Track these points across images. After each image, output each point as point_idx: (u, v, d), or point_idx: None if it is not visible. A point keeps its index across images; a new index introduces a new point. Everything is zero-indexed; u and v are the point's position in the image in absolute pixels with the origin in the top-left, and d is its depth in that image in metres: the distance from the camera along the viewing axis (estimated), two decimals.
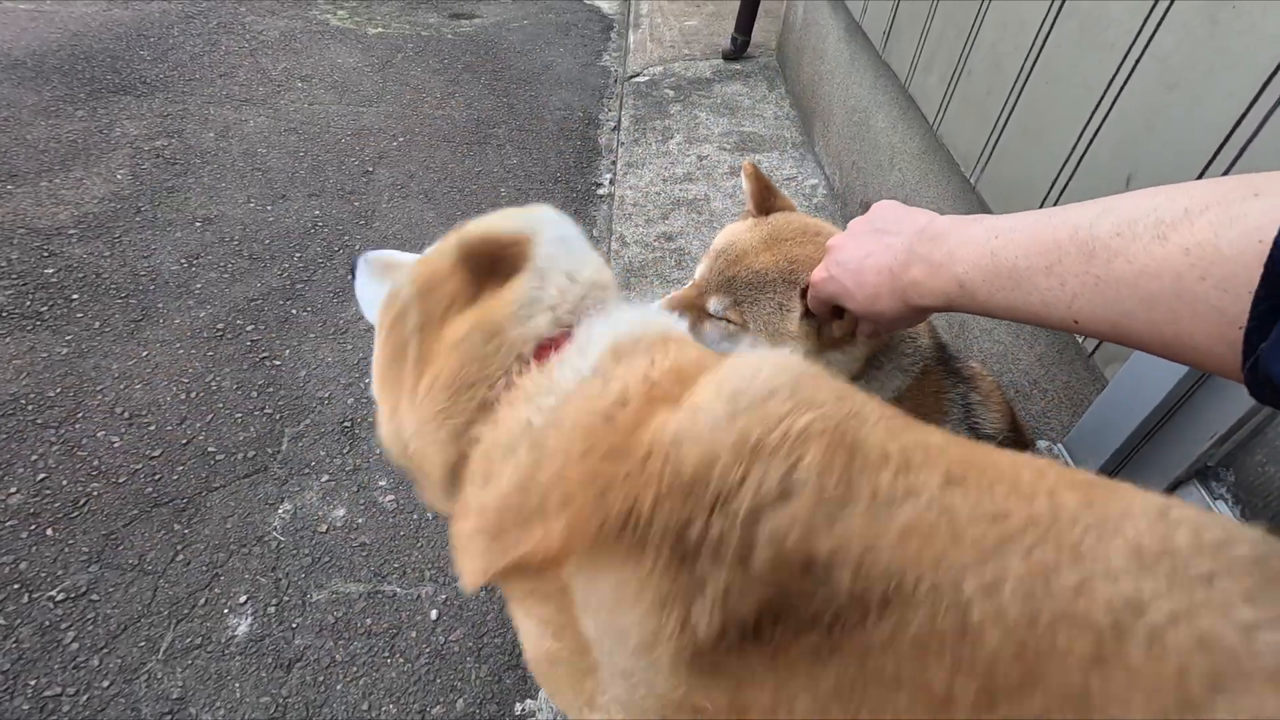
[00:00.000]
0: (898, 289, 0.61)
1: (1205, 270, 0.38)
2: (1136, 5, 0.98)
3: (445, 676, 1.30)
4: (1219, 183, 0.40)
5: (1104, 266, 0.44)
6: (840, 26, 2.45)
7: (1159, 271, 0.40)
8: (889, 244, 0.63)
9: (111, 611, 1.34)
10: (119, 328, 1.89)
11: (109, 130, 2.65)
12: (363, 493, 1.59)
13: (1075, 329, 0.48)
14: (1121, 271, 0.43)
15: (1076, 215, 0.47)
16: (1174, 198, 0.41)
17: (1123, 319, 0.44)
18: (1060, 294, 0.47)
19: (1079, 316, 0.46)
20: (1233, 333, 0.37)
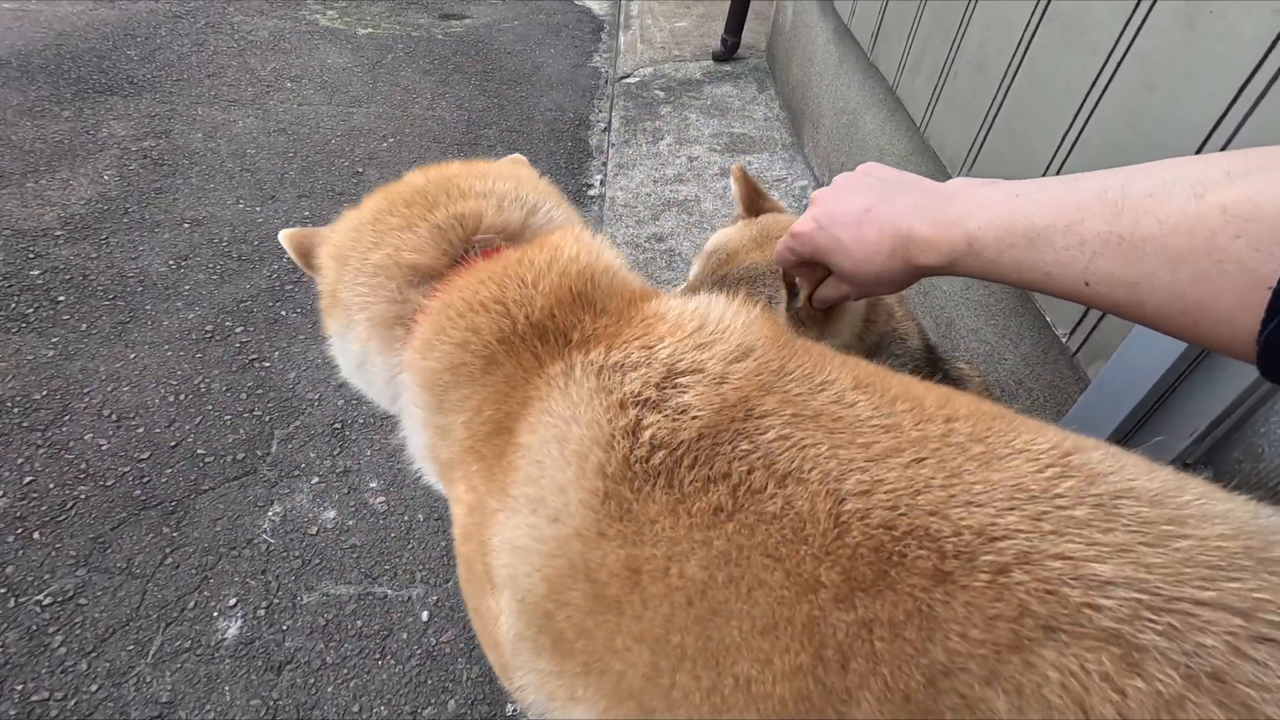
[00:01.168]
0: (900, 246, 0.59)
1: (1242, 228, 0.37)
2: (1118, 8, 0.99)
3: (437, 678, 1.30)
4: (1264, 150, 0.40)
5: (1130, 225, 0.43)
6: (829, 28, 2.46)
7: (1190, 229, 0.40)
8: (895, 202, 0.61)
9: (99, 615, 1.33)
10: (106, 330, 1.88)
11: (95, 131, 2.63)
12: (353, 494, 1.58)
13: (1083, 294, 0.46)
14: (1149, 230, 0.42)
15: (1107, 178, 0.46)
16: (1214, 163, 0.41)
17: (1142, 280, 0.42)
18: (1078, 253, 0.46)
19: (1093, 278, 0.45)
20: (1258, 295, 0.36)
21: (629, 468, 0.49)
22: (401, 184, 0.75)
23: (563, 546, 0.51)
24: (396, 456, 1.67)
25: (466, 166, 0.76)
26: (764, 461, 0.46)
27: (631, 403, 0.52)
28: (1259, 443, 0.74)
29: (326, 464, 1.64)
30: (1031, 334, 1.23)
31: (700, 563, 0.45)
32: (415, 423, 0.69)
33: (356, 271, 0.70)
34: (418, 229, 0.68)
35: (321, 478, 1.61)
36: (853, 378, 0.51)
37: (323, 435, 1.70)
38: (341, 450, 1.68)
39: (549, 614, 0.52)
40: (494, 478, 0.57)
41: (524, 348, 0.59)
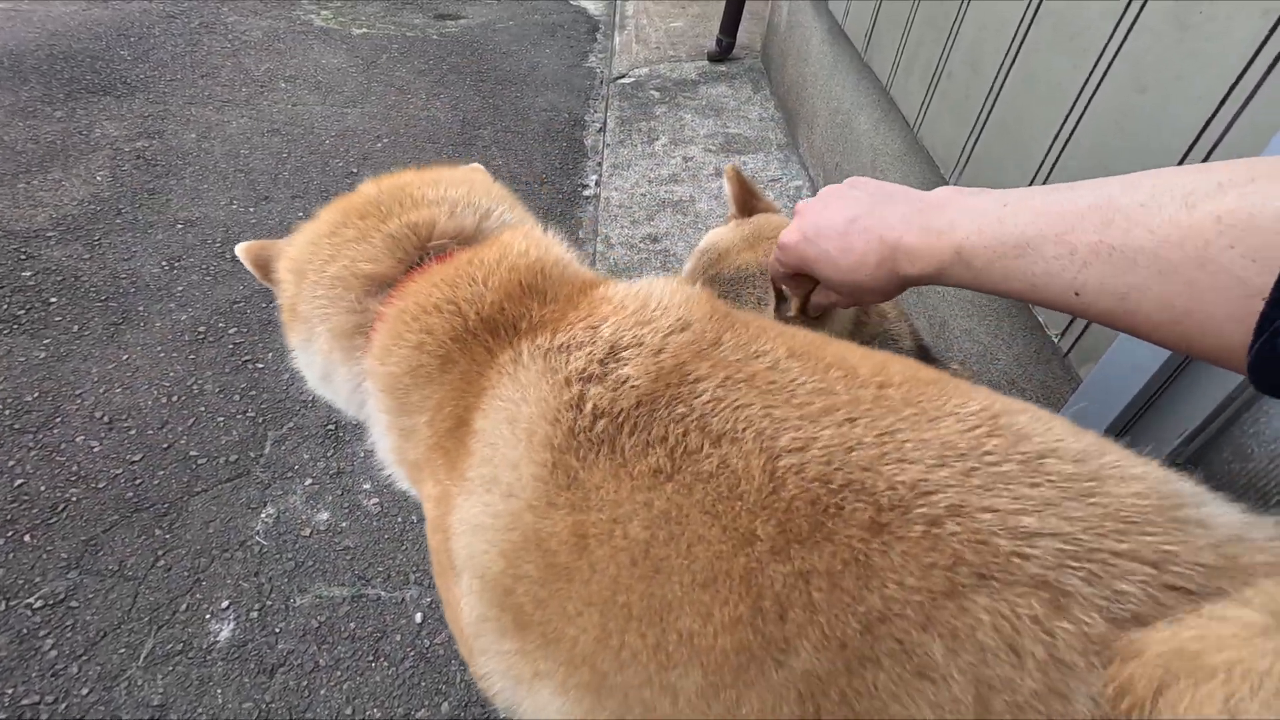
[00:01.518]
0: (888, 257, 0.59)
1: (1236, 238, 0.37)
2: (1109, 8, 1.00)
3: (430, 680, 1.29)
4: (1257, 161, 0.40)
5: (1122, 235, 0.43)
6: (823, 29, 2.46)
7: (1183, 240, 0.39)
8: (882, 212, 0.61)
9: (91, 618, 1.32)
10: (98, 331, 1.87)
11: (88, 131, 2.62)
12: (347, 496, 1.58)
13: (1072, 304, 0.46)
14: (1141, 240, 0.42)
15: (1099, 188, 0.46)
16: (1207, 172, 0.41)
17: (1132, 290, 0.42)
18: (1067, 263, 0.46)
19: (1083, 288, 0.45)
20: (1251, 305, 0.36)
21: (574, 438, 0.52)
22: (355, 195, 0.76)
23: (516, 520, 0.53)
24: None
25: (420, 174, 0.78)
26: (699, 424, 0.49)
27: (576, 379, 0.54)
28: (1248, 443, 0.75)
29: (320, 465, 1.64)
30: (1024, 335, 1.23)
31: (642, 523, 0.47)
32: (381, 428, 0.70)
33: (315, 284, 0.70)
34: (372, 239, 0.69)
35: (315, 479, 1.61)
36: (788, 347, 0.54)
37: (316, 437, 1.70)
38: (335, 451, 1.67)
39: (508, 590, 0.54)
40: (455, 467, 0.59)
41: (476, 343, 0.61)
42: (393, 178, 0.77)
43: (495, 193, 0.80)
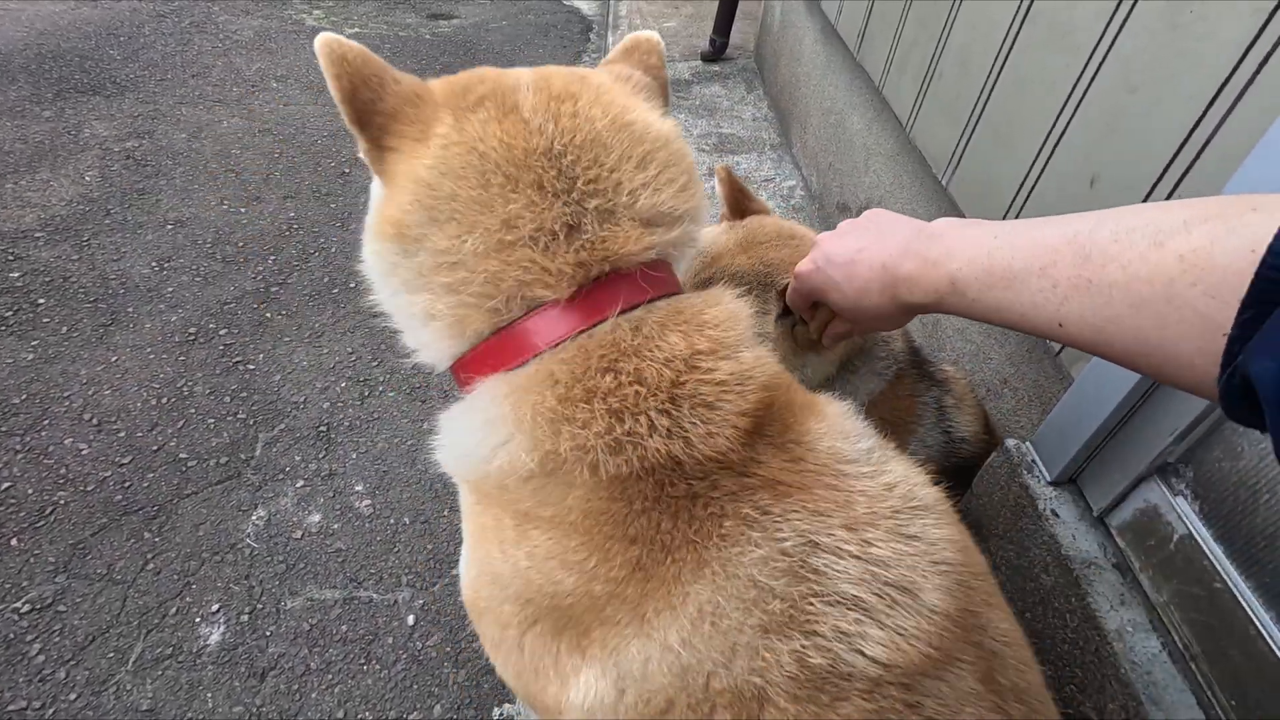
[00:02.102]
0: (889, 284, 0.62)
1: (1197, 277, 0.39)
2: (1100, 8, 1.00)
3: (422, 682, 1.29)
4: (1220, 199, 0.41)
5: (1098, 270, 0.45)
6: (816, 29, 2.47)
7: (1151, 276, 0.41)
8: (884, 242, 0.63)
9: (79, 623, 1.31)
10: (87, 333, 1.86)
11: (77, 131, 2.60)
12: (338, 498, 1.57)
13: (1058, 334, 0.48)
14: (1114, 276, 0.44)
15: (1077, 222, 0.48)
16: (1174, 211, 0.42)
17: (1108, 324, 0.44)
18: (1050, 296, 0.48)
19: (1065, 320, 0.47)
20: (1216, 341, 0.38)
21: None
22: (522, 126, 0.61)
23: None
24: (382, 459, 1.66)
25: (611, 113, 0.63)
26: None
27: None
28: (1239, 441, 0.75)
29: (311, 467, 1.63)
30: (1017, 334, 1.23)
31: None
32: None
33: (459, 248, 0.62)
34: (551, 250, 0.63)
35: (306, 481, 1.60)
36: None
37: (308, 438, 1.69)
38: (327, 453, 1.66)
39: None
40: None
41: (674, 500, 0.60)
42: (575, 109, 0.58)
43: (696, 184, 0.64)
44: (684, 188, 0.60)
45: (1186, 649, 0.77)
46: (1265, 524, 0.70)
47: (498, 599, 0.58)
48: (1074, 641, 0.84)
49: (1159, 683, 0.75)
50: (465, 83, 0.60)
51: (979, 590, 0.55)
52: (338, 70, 0.55)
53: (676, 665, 0.50)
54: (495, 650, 0.62)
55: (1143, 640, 0.79)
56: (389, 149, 0.57)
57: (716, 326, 0.57)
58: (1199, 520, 0.77)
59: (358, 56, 0.55)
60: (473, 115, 0.57)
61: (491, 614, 0.60)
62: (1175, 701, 0.74)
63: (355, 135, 0.57)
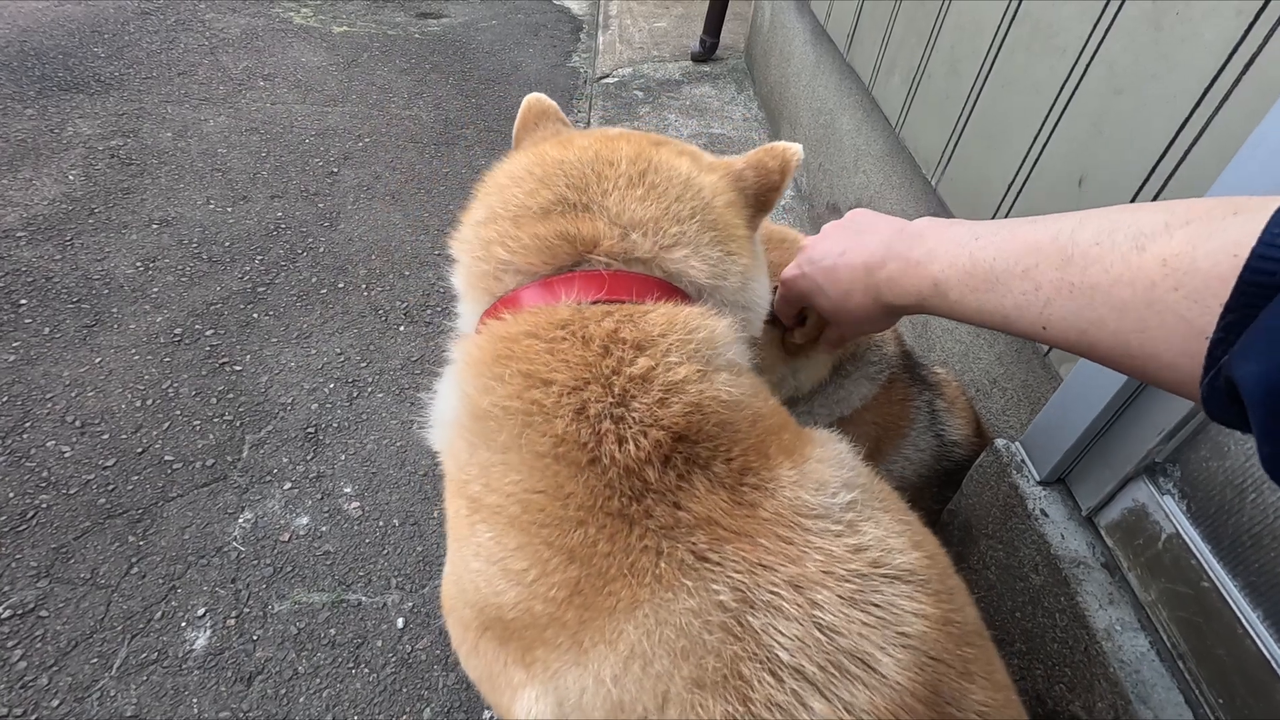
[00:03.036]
0: (871, 285, 0.61)
1: (1179, 281, 0.39)
2: (1086, 10, 1.00)
3: (412, 686, 1.28)
4: (1201, 201, 0.41)
5: (1080, 273, 0.44)
6: (806, 30, 2.47)
7: (1133, 280, 0.41)
8: (865, 242, 0.63)
9: (62, 628, 1.29)
10: (70, 334, 1.83)
11: (60, 129, 2.56)
12: (327, 500, 1.56)
13: (1042, 336, 0.48)
14: (1097, 279, 0.43)
15: (1058, 223, 0.48)
16: (1155, 213, 0.42)
17: (1091, 327, 0.44)
18: (1034, 299, 0.47)
19: (1049, 323, 0.47)
20: (1198, 344, 0.38)
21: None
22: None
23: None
24: (371, 461, 1.65)
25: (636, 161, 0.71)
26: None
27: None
28: (1225, 441, 0.75)
29: (299, 469, 1.61)
30: (1005, 335, 1.24)
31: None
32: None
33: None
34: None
35: (294, 483, 1.58)
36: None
37: (296, 440, 1.67)
38: (315, 455, 1.65)
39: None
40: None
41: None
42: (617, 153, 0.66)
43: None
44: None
45: (1174, 647, 0.78)
46: (1251, 523, 0.71)
47: (459, 601, 0.57)
48: (1063, 640, 0.84)
49: (1147, 681, 0.75)
50: (540, 114, 0.76)
51: (954, 661, 0.50)
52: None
53: (609, 701, 0.47)
54: (459, 649, 0.61)
55: (1131, 639, 0.79)
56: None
57: (658, 327, 0.56)
58: (1186, 519, 0.78)
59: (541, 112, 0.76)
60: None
61: (455, 615, 0.59)
62: (1163, 700, 0.74)
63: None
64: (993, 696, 0.50)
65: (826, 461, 0.56)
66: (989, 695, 0.50)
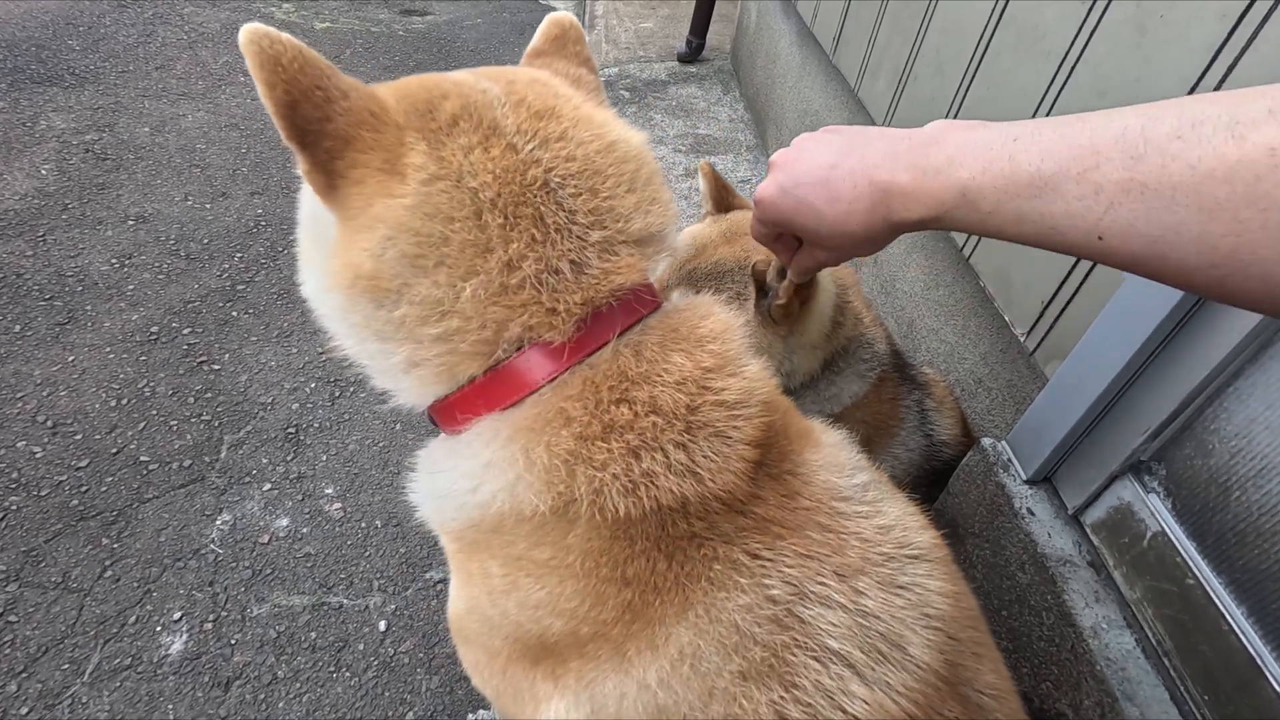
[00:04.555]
0: (879, 201, 0.53)
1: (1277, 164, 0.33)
2: (1071, 13, 1.01)
3: (394, 689, 1.26)
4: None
5: (1156, 172, 0.38)
6: (792, 31, 2.48)
7: (1230, 175, 0.36)
8: (863, 153, 0.55)
9: (32, 633, 1.26)
10: (41, 331, 1.79)
11: (33, 123, 2.50)
12: (308, 501, 1.53)
13: (1095, 248, 0.42)
14: (1179, 176, 0.37)
15: (1122, 118, 0.41)
16: (1253, 99, 0.36)
17: (1167, 233, 0.38)
18: (1092, 203, 0.41)
19: (1108, 231, 0.41)
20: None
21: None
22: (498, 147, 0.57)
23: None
24: (354, 461, 1.62)
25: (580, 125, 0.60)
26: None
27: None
28: (1210, 439, 0.76)
29: (279, 470, 1.58)
30: (990, 334, 1.25)
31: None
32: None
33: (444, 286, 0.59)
34: (556, 292, 0.60)
35: (274, 484, 1.56)
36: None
37: (276, 440, 1.64)
38: (296, 456, 1.62)
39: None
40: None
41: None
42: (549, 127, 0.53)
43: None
44: (665, 202, 0.58)
45: (1159, 644, 0.78)
46: (1236, 520, 0.72)
47: (486, 634, 0.56)
48: (1049, 639, 0.85)
49: (1133, 679, 0.76)
50: (425, 97, 0.52)
51: (968, 643, 0.53)
52: (270, 77, 0.45)
53: (652, 705, 0.49)
54: (477, 672, 0.60)
55: (1117, 636, 0.79)
56: (343, 178, 0.49)
57: (716, 340, 0.54)
58: (1171, 517, 0.79)
59: (295, 59, 0.46)
60: (450, 140, 0.50)
61: (479, 645, 0.58)
62: (1149, 697, 0.74)
63: (295, 153, 0.48)
64: (999, 680, 0.53)
65: (836, 445, 0.57)
66: (997, 679, 0.52)
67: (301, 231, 0.59)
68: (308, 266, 0.58)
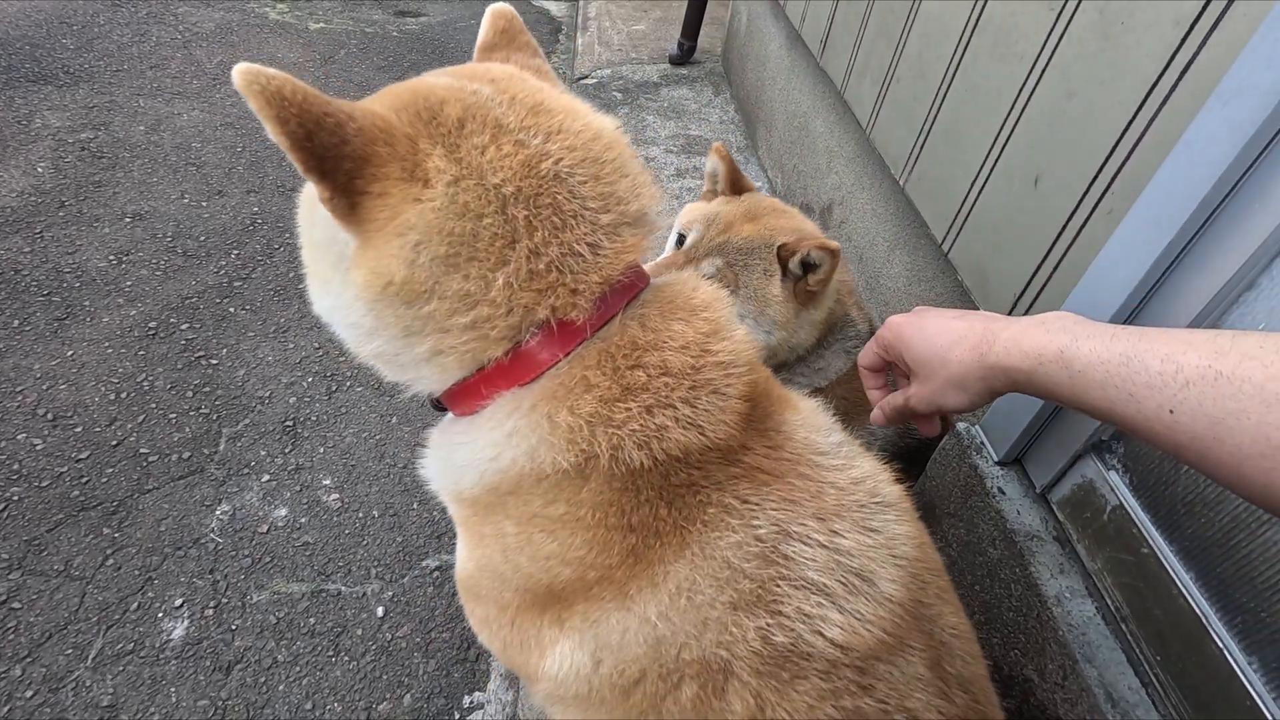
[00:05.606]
0: (985, 339, 0.58)
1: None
2: (1042, 21, 1.06)
3: (392, 673, 1.29)
4: None
5: (1233, 365, 0.43)
6: (781, 34, 2.53)
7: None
8: (985, 314, 0.63)
9: (35, 619, 1.28)
10: (40, 327, 1.81)
11: (28, 121, 2.52)
12: (305, 491, 1.56)
13: (1163, 420, 0.46)
14: (1251, 372, 0.42)
15: (1218, 333, 0.46)
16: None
17: (1229, 417, 0.42)
18: (1170, 380, 0.45)
19: (1179, 406, 0.45)
20: None
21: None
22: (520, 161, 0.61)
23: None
24: (350, 453, 1.65)
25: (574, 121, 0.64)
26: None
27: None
28: None
29: (278, 461, 1.61)
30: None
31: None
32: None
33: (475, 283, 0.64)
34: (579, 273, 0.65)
35: (273, 475, 1.59)
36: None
37: (274, 433, 1.67)
38: (294, 447, 1.65)
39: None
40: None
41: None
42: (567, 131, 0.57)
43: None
44: (650, 184, 0.62)
45: (1117, 610, 0.83)
46: (1185, 492, 0.77)
47: (498, 589, 0.61)
48: (1018, 609, 0.89)
49: (1092, 643, 0.81)
50: (424, 104, 0.54)
51: (932, 585, 0.59)
52: (280, 113, 0.45)
53: (652, 637, 0.54)
54: (486, 626, 0.65)
55: (1079, 605, 0.84)
56: (364, 194, 0.51)
57: (707, 309, 0.60)
58: (1129, 491, 0.83)
59: (296, 92, 0.46)
60: (463, 142, 0.53)
61: (491, 599, 0.63)
62: (1107, 659, 0.79)
63: (315, 184, 0.49)
64: (960, 622, 0.59)
65: (812, 409, 0.64)
66: (957, 620, 0.58)
67: (311, 254, 0.61)
68: (323, 286, 0.60)
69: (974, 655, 0.59)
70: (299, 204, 0.63)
